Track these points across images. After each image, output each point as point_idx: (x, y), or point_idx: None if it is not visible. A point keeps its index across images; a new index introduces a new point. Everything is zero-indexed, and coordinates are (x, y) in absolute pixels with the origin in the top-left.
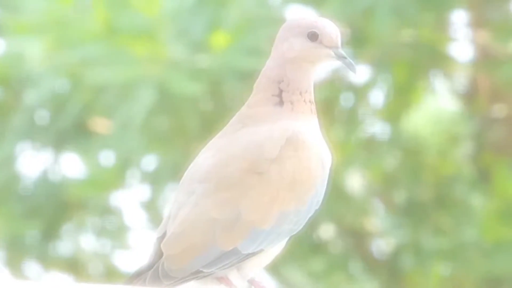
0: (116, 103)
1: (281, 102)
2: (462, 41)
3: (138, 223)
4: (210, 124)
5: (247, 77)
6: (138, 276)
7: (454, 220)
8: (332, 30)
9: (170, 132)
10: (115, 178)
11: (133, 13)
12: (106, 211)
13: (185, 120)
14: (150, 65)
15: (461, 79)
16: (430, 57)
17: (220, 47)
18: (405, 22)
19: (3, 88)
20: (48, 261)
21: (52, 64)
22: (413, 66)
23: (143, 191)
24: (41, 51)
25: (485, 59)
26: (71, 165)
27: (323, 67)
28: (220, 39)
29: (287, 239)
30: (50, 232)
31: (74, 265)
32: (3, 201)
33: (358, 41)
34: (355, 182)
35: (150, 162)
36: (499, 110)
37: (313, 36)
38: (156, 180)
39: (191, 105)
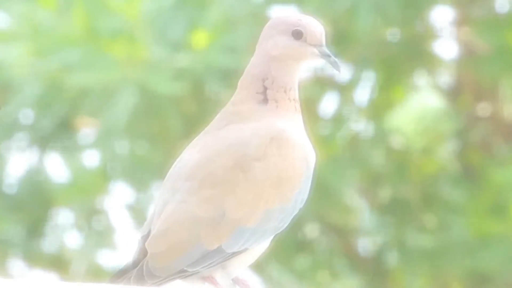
0: (99, 105)
1: (265, 100)
2: (446, 38)
3: (123, 222)
4: (193, 123)
5: (229, 76)
6: (122, 274)
7: (440, 217)
8: (317, 28)
9: (154, 132)
10: (99, 181)
11: (112, 15)
12: (91, 211)
13: (168, 121)
14: (131, 67)
15: (446, 76)
16: (414, 55)
17: (200, 47)
18: (388, 20)
19: None
20: (32, 259)
21: (33, 70)
22: (396, 64)
23: (127, 191)
24: (21, 57)
25: (469, 57)
26: (56, 165)
27: (308, 65)
28: (200, 39)
29: (272, 237)
30: (35, 230)
31: (58, 263)
32: None
33: (340, 39)
34: (340, 180)
35: (134, 162)
36: (483, 107)
37: (297, 34)
38: (141, 180)
39: (173, 105)
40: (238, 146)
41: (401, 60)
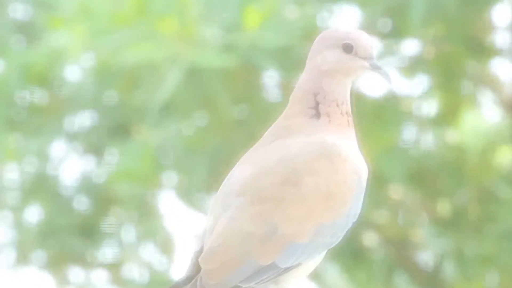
0: (151, 84)
1: (317, 114)
2: (505, 44)
3: (181, 227)
4: (243, 105)
5: (280, 56)
6: None
7: (499, 228)
8: (367, 41)
9: (206, 122)
10: (152, 169)
11: None
12: (148, 213)
13: (217, 99)
14: (182, 44)
15: (504, 88)
16: (471, 54)
17: (252, 26)
18: (444, 16)
19: (42, 88)
20: (90, 265)
21: (87, 52)
22: (453, 64)
23: (183, 193)
24: (76, 41)
25: None
26: (111, 163)
27: (359, 78)
28: (252, 18)
29: (325, 252)
30: (93, 237)
31: (116, 270)
32: (44, 202)
33: (397, 36)
34: (398, 192)
35: (189, 161)
36: None
37: (347, 48)
38: (192, 168)
39: (222, 83)
40: (288, 161)
41: (458, 60)
